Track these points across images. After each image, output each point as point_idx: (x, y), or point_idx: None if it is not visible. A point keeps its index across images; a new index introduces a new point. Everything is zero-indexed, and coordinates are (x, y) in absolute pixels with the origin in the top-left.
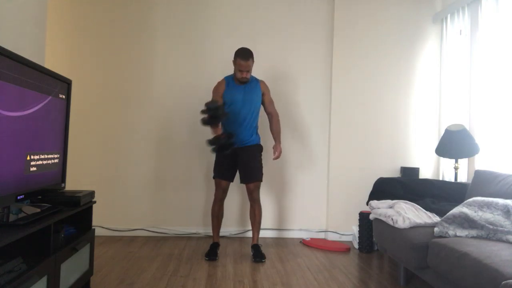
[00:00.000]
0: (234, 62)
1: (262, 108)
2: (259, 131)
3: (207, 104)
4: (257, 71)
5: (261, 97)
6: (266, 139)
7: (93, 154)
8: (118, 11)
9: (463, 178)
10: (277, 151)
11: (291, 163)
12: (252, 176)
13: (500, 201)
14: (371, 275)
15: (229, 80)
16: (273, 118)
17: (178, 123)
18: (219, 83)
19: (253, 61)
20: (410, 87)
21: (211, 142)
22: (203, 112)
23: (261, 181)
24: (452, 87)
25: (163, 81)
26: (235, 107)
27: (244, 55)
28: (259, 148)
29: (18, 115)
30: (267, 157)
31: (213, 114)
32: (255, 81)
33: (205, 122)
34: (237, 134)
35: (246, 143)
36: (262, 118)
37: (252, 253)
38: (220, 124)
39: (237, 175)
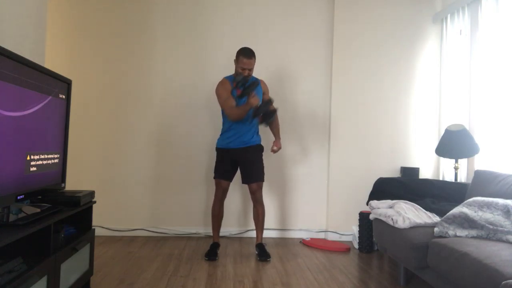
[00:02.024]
0: (236, 60)
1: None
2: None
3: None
4: (257, 71)
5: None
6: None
7: (93, 154)
8: (118, 11)
9: (463, 178)
10: (277, 146)
11: (291, 163)
12: (255, 176)
13: (500, 201)
14: (371, 275)
15: (230, 80)
16: None
17: (178, 122)
18: (222, 82)
19: (255, 60)
20: (410, 87)
21: (255, 113)
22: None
23: (263, 181)
24: (452, 87)
25: (163, 81)
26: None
27: (247, 53)
28: (260, 148)
29: (18, 115)
30: (267, 156)
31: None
32: (257, 81)
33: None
34: (239, 134)
35: (248, 144)
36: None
37: (256, 252)
38: (254, 94)
39: (238, 175)
